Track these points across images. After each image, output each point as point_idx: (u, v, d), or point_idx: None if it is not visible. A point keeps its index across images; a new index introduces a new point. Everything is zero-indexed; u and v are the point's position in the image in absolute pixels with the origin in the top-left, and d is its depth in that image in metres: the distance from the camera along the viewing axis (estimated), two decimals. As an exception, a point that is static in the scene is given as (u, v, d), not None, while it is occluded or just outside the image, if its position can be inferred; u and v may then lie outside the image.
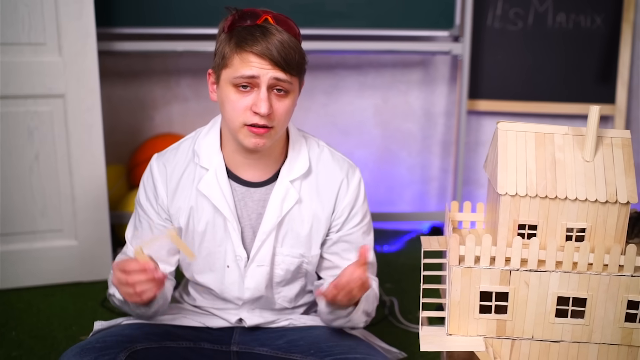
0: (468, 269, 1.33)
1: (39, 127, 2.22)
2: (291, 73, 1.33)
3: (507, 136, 1.38)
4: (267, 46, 1.29)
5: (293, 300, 1.54)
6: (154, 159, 1.49)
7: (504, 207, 1.34)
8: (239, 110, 1.33)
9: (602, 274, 1.31)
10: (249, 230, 1.46)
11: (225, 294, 1.50)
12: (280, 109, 1.34)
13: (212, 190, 1.43)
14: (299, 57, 1.34)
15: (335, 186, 1.48)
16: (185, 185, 1.45)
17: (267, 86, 1.32)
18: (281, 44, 1.30)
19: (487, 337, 1.36)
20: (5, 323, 2.06)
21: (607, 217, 1.32)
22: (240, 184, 1.45)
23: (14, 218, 2.26)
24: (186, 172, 1.46)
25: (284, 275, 1.49)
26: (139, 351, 1.39)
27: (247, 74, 1.30)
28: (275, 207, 1.44)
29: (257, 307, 1.53)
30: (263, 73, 1.30)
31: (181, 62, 2.83)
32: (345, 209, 1.49)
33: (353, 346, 1.43)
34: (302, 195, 1.46)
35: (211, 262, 1.48)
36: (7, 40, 2.14)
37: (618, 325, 1.33)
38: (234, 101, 1.33)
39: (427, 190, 3.03)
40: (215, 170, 1.43)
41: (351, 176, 1.50)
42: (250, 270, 1.46)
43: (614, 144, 1.36)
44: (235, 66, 1.31)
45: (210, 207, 1.44)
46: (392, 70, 2.89)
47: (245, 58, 1.30)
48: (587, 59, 2.75)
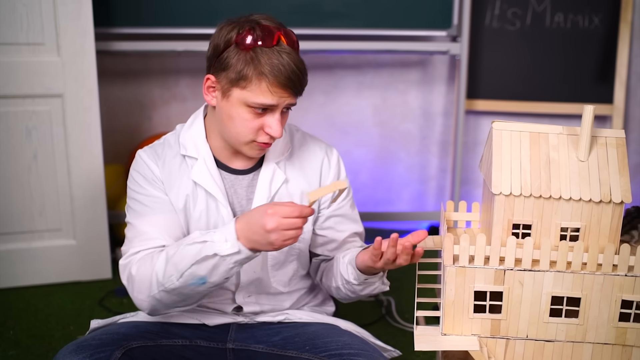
0: (462, 268, 1.34)
1: (38, 127, 2.23)
2: (300, 94, 1.40)
3: (501, 136, 1.38)
4: (289, 76, 1.33)
5: (287, 284, 1.57)
6: (142, 152, 1.48)
7: (498, 207, 1.34)
8: (251, 129, 1.38)
9: (596, 273, 1.31)
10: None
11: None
12: (284, 123, 1.43)
13: (204, 178, 1.46)
14: (306, 78, 1.40)
15: (317, 164, 1.55)
16: (177, 175, 1.46)
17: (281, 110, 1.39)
18: (296, 73, 1.34)
19: (481, 336, 1.36)
20: (4, 322, 2.07)
21: (602, 216, 1.32)
22: (228, 172, 1.49)
23: (12, 217, 2.27)
24: (176, 163, 1.47)
25: (278, 256, 1.52)
26: (134, 349, 1.39)
27: (267, 103, 1.35)
28: (264, 189, 1.48)
29: (253, 292, 1.54)
30: (282, 102, 1.36)
31: (179, 62, 2.84)
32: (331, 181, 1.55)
33: (348, 342, 1.44)
34: (288, 175, 1.52)
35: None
36: (6, 40, 2.15)
37: (612, 325, 1.33)
38: (247, 120, 1.37)
39: (425, 189, 3.04)
40: (204, 159, 1.47)
41: (330, 154, 1.57)
42: None
43: (608, 143, 1.37)
44: (254, 91, 1.34)
45: (203, 194, 1.46)
46: (391, 70, 2.89)
47: (266, 88, 1.34)
48: (585, 58, 2.76)
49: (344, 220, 1.58)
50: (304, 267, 1.60)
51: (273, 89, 1.34)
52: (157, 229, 1.42)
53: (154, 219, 1.43)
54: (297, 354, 1.45)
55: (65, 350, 1.34)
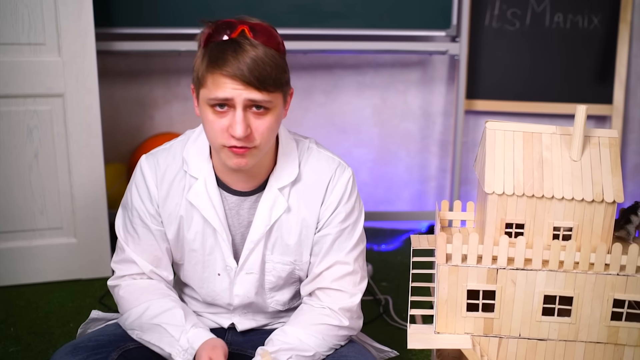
0: (455, 267, 1.35)
1: (39, 126, 2.25)
2: (268, 90, 1.24)
3: (495, 135, 1.39)
4: (238, 66, 1.21)
5: (287, 303, 1.53)
6: (144, 160, 1.42)
7: (491, 206, 1.35)
8: (217, 132, 1.27)
9: (589, 272, 1.32)
10: (240, 239, 1.44)
11: (217, 301, 1.49)
12: (260, 127, 1.27)
13: (201, 201, 1.39)
14: (275, 72, 1.25)
15: (322, 187, 1.42)
16: (175, 192, 1.41)
17: (243, 106, 1.25)
18: (254, 61, 1.22)
19: (474, 335, 1.38)
20: (5, 319, 2.09)
21: (594, 216, 1.33)
22: (231, 194, 1.42)
23: (13, 216, 2.29)
24: (177, 178, 1.41)
25: (276, 281, 1.47)
26: (131, 350, 1.40)
27: (220, 97, 1.24)
28: (264, 216, 1.40)
29: (249, 311, 1.51)
30: (236, 94, 1.23)
31: (181, 62, 2.85)
32: (330, 205, 1.42)
33: (345, 353, 1.41)
34: (290, 203, 1.41)
35: (201, 270, 1.46)
36: (7, 40, 2.17)
37: (604, 324, 1.34)
38: (211, 122, 1.27)
39: (425, 189, 3.05)
40: (204, 180, 1.39)
41: (340, 174, 1.43)
42: (239, 278, 1.44)
43: (601, 143, 1.38)
44: (209, 87, 1.25)
45: (200, 217, 1.40)
46: (391, 70, 2.90)
47: (217, 80, 1.24)
48: (584, 59, 2.76)
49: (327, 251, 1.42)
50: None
51: (222, 81, 1.23)
52: (142, 258, 1.43)
53: (140, 248, 1.43)
54: None
55: (62, 352, 1.33)
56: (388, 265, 2.58)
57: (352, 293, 1.43)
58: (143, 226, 1.42)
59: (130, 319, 1.40)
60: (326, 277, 1.42)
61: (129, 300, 1.42)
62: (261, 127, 1.27)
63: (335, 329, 1.41)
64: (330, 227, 1.42)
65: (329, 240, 1.42)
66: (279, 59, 1.27)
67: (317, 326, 1.39)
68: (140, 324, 1.39)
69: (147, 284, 1.44)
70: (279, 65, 1.26)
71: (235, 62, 1.22)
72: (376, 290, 2.32)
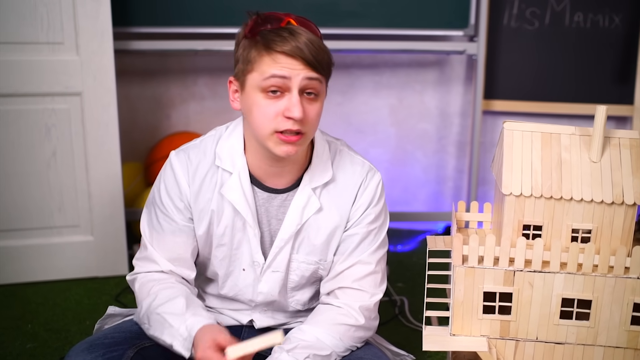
0: (471, 268, 1.33)
1: (57, 125, 2.27)
2: (322, 73, 1.28)
3: (512, 136, 1.37)
4: (298, 45, 1.23)
5: (307, 303, 1.53)
6: (174, 156, 1.42)
7: (508, 207, 1.33)
8: (269, 117, 1.27)
9: (608, 275, 1.30)
10: (268, 236, 1.45)
11: (239, 296, 1.49)
12: (311, 113, 1.29)
13: (235, 195, 1.39)
14: (327, 57, 1.29)
15: (352, 191, 1.43)
16: (208, 187, 1.41)
17: (299, 89, 1.26)
18: (311, 42, 1.25)
19: (490, 337, 1.36)
20: (22, 316, 2.11)
21: (614, 218, 1.31)
22: (262, 190, 1.42)
23: (31, 213, 2.31)
24: (209, 174, 1.41)
25: (299, 280, 1.47)
26: (147, 347, 1.39)
27: (278, 74, 1.24)
28: (296, 215, 1.41)
29: (269, 309, 1.52)
30: (295, 74, 1.25)
31: (198, 61, 2.86)
32: (361, 206, 1.43)
33: (360, 355, 1.41)
34: (322, 204, 1.42)
35: (227, 265, 1.47)
36: (27, 39, 2.19)
37: (624, 328, 1.32)
38: (263, 107, 1.27)
39: (442, 190, 3.02)
40: (238, 174, 1.39)
41: (371, 178, 1.44)
42: (265, 276, 1.45)
43: (621, 144, 1.35)
44: (263, 68, 1.26)
45: (231, 211, 1.40)
46: (408, 69, 2.88)
47: (275, 59, 1.25)
48: (605, 59, 2.72)
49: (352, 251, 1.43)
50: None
51: (281, 59, 1.24)
52: (163, 257, 1.43)
53: (163, 246, 1.43)
54: None
55: (77, 348, 1.34)
56: (404, 266, 2.56)
57: (372, 293, 1.44)
58: (169, 223, 1.42)
59: (142, 311, 1.41)
60: (347, 276, 1.43)
61: (141, 292, 1.42)
62: (312, 113, 1.29)
63: (352, 329, 1.40)
64: (358, 227, 1.43)
65: (355, 240, 1.43)
66: (327, 47, 1.31)
67: (335, 326, 1.39)
68: (148, 316, 1.38)
69: (159, 277, 1.43)
70: (329, 52, 1.31)
71: (294, 41, 1.24)
72: (392, 291, 2.30)
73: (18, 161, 2.26)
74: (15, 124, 2.23)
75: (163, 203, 1.42)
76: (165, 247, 1.43)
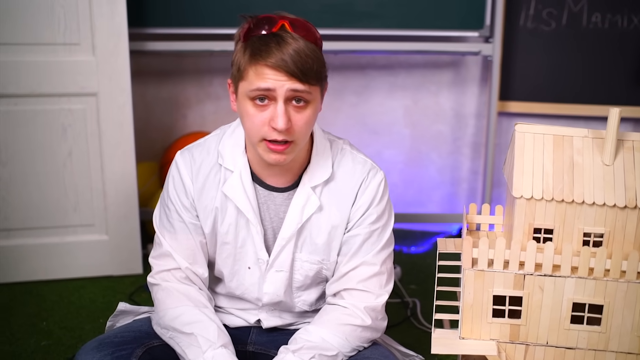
0: (481, 272, 1.32)
1: (73, 125, 2.29)
2: (309, 82, 1.27)
3: (524, 138, 1.36)
4: (282, 57, 1.24)
5: (314, 304, 1.53)
6: (179, 155, 1.45)
7: (519, 211, 1.32)
8: (257, 125, 1.29)
9: (620, 280, 1.28)
10: (271, 233, 1.46)
11: (246, 295, 1.50)
12: (299, 121, 1.30)
13: (236, 193, 1.41)
14: (317, 65, 1.28)
15: (353, 189, 1.43)
16: (211, 185, 1.43)
17: (285, 99, 1.27)
18: (297, 53, 1.24)
19: (500, 341, 1.35)
20: (38, 313, 2.14)
21: (627, 222, 1.29)
22: (263, 188, 1.43)
23: (47, 212, 2.34)
24: (212, 172, 1.43)
25: (304, 280, 1.48)
26: (155, 347, 1.41)
27: (262, 87, 1.26)
28: (296, 214, 1.41)
29: (276, 308, 1.53)
30: (279, 85, 1.25)
31: (213, 62, 2.87)
32: (362, 206, 1.43)
33: (367, 355, 1.40)
34: (322, 203, 1.42)
35: (232, 263, 1.48)
36: (44, 40, 2.22)
37: (636, 334, 1.30)
38: (252, 115, 1.29)
39: (456, 191, 3.01)
40: (240, 173, 1.41)
41: (372, 177, 1.44)
42: (269, 276, 1.46)
43: (635, 147, 1.33)
44: (250, 79, 1.27)
45: (234, 209, 1.42)
46: (423, 70, 2.87)
47: (259, 71, 1.26)
48: (623, 60, 2.68)
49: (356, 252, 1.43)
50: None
51: (265, 71, 1.25)
52: (179, 254, 1.44)
53: (176, 243, 1.44)
54: None
55: (88, 347, 1.36)
56: (417, 267, 2.55)
57: (378, 294, 1.43)
58: (179, 220, 1.44)
59: (166, 319, 1.40)
60: (352, 277, 1.42)
61: (165, 302, 1.42)
62: (300, 121, 1.30)
63: (358, 329, 1.40)
64: (360, 228, 1.43)
65: (358, 240, 1.43)
66: (319, 53, 1.30)
67: (341, 326, 1.38)
68: (174, 327, 1.39)
69: (186, 290, 1.44)
70: (319, 58, 1.29)
71: (279, 53, 1.24)
72: (404, 292, 2.30)
73: (35, 160, 2.29)
74: (33, 124, 2.27)
75: (172, 201, 1.45)
76: (179, 244, 1.44)
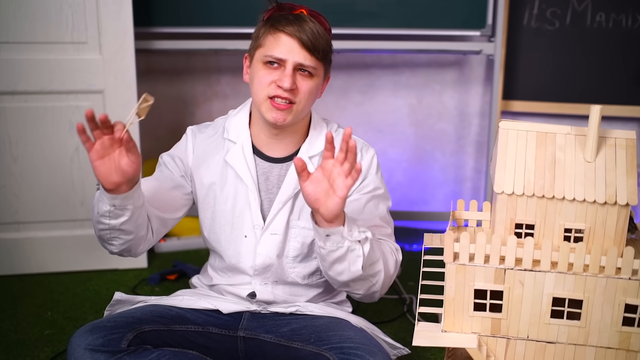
0: (462, 266, 1.34)
1: (80, 121, 2.34)
2: (317, 57, 1.46)
3: (507, 135, 1.38)
4: (298, 28, 1.43)
5: (306, 277, 1.62)
6: (189, 128, 1.66)
7: (500, 206, 1.34)
8: (264, 84, 1.46)
9: (599, 276, 1.29)
10: (268, 204, 1.58)
11: (241, 263, 1.59)
12: (303, 87, 1.47)
13: (237, 162, 1.56)
14: (326, 45, 1.48)
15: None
16: (213, 155, 1.59)
17: (295, 66, 1.45)
18: (312, 30, 1.44)
19: (482, 335, 1.37)
20: (44, 304, 2.20)
21: (607, 218, 1.30)
22: (263, 160, 1.58)
23: (55, 206, 2.40)
24: (215, 143, 1.60)
25: (301, 248, 1.58)
26: (147, 332, 1.46)
27: (276, 56, 1.45)
28: (293, 179, 1.55)
29: (269, 280, 1.60)
30: (290, 56, 1.44)
31: (221, 61, 2.92)
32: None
33: (351, 336, 1.46)
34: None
35: (229, 231, 1.59)
36: (53, 39, 2.28)
37: (615, 329, 1.31)
38: (262, 75, 1.47)
39: (460, 190, 3.02)
40: (242, 144, 1.57)
41: (365, 152, 1.61)
42: (263, 237, 1.57)
43: (617, 144, 1.34)
44: (267, 45, 1.46)
45: (234, 178, 1.57)
46: (427, 69, 2.89)
47: (277, 37, 1.45)
48: (627, 59, 2.67)
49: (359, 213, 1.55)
50: None
51: (281, 38, 1.44)
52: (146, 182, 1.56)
53: (150, 183, 1.57)
54: (302, 345, 1.49)
55: (81, 331, 1.43)
56: (417, 265, 2.55)
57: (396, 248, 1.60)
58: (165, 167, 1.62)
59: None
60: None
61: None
62: (304, 87, 1.48)
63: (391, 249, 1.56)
64: (360, 193, 1.57)
65: (360, 203, 1.56)
66: (329, 38, 1.52)
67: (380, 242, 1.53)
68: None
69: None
70: (329, 41, 1.51)
71: (297, 25, 1.45)
72: (402, 289, 2.32)
73: (44, 156, 2.36)
74: (42, 120, 2.33)
75: (164, 159, 1.62)
76: (147, 185, 1.54)
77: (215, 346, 1.54)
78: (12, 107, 2.31)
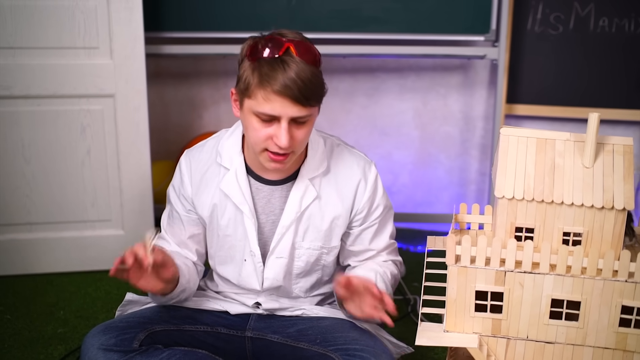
0: (464, 268, 1.38)
1: (91, 125, 2.40)
2: (311, 105, 1.40)
3: (508, 141, 1.42)
4: (288, 83, 1.35)
5: (309, 290, 1.66)
6: (183, 155, 1.63)
7: (501, 210, 1.38)
8: (261, 138, 1.42)
9: (596, 278, 1.33)
10: (271, 226, 1.58)
11: (242, 284, 1.62)
12: (299, 136, 1.43)
13: (232, 189, 1.55)
14: (318, 88, 1.41)
15: (353, 183, 1.58)
16: (208, 182, 1.58)
17: (288, 121, 1.40)
18: (301, 80, 1.36)
19: (483, 335, 1.41)
20: (56, 303, 2.25)
21: (604, 222, 1.34)
22: (263, 183, 1.57)
23: (67, 208, 2.45)
24: (210, 170, 1.58)
25: (304, 267, 1.61)
26: (157, 332, 1.51)
27: (268, 113, 1.38)
28: (295, 203, 1.55)
29: (275, 294, 1.65)
30: (284, 113, 1.38)
31: (229, 65, 2.97)
32: (365, 204, 1.59)
33: (356, 337, 1.50)
34: (321, 193, 1.56)
35: (231, 255, 1.61)
36: (66, 44, 2.33)
37: (613, 330, 1.35)
38: (256, 129, 1.41)
39: (465, 193, 3.06)
40: (235, 171, 1.55)
41: (368, 172, 1.60)
42: (270, 262, 1.58)
43: (615, 150, 1.38)
44: (258, 101, 1.38)
45: (232, 204, 1.56)
46: (432, 73, 2.93)
47: (267, 96, 1.36)
48: (630, 63, 2.70)
49: (377, 234, 1.64)
50: (328, 275, 1.68)
51: (272, 97, 1.36)
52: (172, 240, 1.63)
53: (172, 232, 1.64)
54: (308, 346, 1.53)
55: (95, 330, 1.48)
56: (421, 266, 2.59)
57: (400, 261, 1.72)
58: (175, 212, 1.63)
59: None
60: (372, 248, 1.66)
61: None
62: (300, 136, 1.44)
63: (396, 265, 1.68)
64: (373, 218, 1.62)
65: (376, 227, 1.63)
66: (319, 75, 1.43)
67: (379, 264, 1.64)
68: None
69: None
70: (320, 81, 1.43)
71: (285, 78, 1.35)
72: (406, 290, 2.36)
73: (56, 158, 2.41)
74: (54, 124, 2.38)
75: (170, 198, 1.63)
76: (173, 232, 1.62)
77: (223, 346, 1.59)
78: (25, 110, 2.36)
